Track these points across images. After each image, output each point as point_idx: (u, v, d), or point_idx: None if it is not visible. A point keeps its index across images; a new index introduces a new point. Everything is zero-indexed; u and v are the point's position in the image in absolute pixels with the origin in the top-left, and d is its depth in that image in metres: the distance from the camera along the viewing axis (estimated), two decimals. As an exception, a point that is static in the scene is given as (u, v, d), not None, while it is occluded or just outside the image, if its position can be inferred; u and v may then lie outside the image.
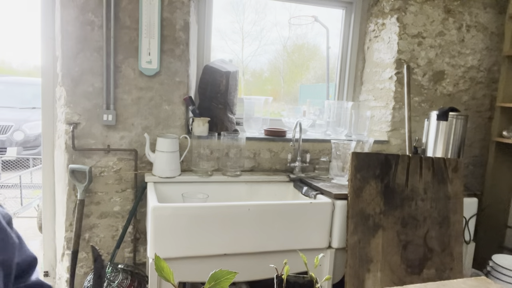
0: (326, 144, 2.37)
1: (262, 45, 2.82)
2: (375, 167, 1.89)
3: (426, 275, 1.88)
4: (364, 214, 1.84)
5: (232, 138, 2.13)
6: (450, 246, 1.95)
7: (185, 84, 2.06)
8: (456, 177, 2.00)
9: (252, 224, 1.69)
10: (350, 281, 1.77)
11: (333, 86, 2.77)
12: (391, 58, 2.46)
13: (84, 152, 1.96)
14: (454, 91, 2.62)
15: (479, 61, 2.65)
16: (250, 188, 2.13)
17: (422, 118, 2.51)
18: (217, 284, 0.68)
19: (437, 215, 1.95)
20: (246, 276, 1.75)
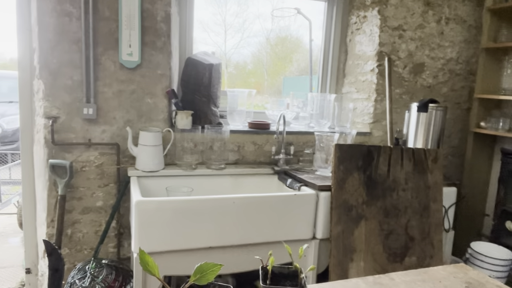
0: (310, 136, 2.39)
1: (245, 38, 2.81)
2: (357, 158, 1.92)
3: (408, 263, 1.93)
4: (347, 205, 1.86)
5: (216, 131, 2.12)
6: (430, 234, 2.00)
7: (168, 76, 2.04)
8: (436, 167, 2.05)
9: (237, 217, 1.69)
10: (334, 271, 1.80)
11: (316, 78, 2.79)
12: (373, 50, 2.49)
13: (65, 147, 1.92)
14: (434, 83, 2.67)
15: (458, 53, 2.70)
16: (234, 181, 2.13)
17: (403, 109, 2.56)
18: (202, 277, 0.68)
19: (417, 204, 1.99)
20: (232, 268, 1.76)
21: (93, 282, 1.77)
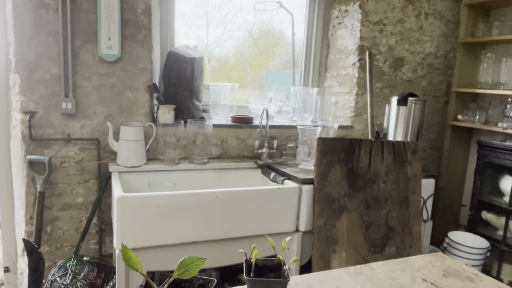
0: (293, 130, 2.40)
1: (227, 31, 2.79)
2: (339, 151, 1.94)
3: (388, 253, 1.98)
4: (329, 197, 1.89)
5: (198, 125, 2.11)
6: (410, 225, 2.05)
7: (149, 70, 2.01)
8: (415, 159, 2.10)
9: (221, 211, 1.69)
10: (317, 262, 1.83)
11: (298, 72, 2.80)
12: (354, 44, 2.51)
13: (43, 142, 1.87)
14: (413, 77, 2.72)
15: (436, 47, 2.76)
16: (218, 175, 2.13)
17: (383, 103, 2.60)
18: (186, 271, 0.68)
19: (397, 196, 2.04)
20: (216, 262, 1.76)
21: (74, 280, 1.74)
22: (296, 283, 0.96)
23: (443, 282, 1.02)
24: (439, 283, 1.01)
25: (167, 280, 0.70)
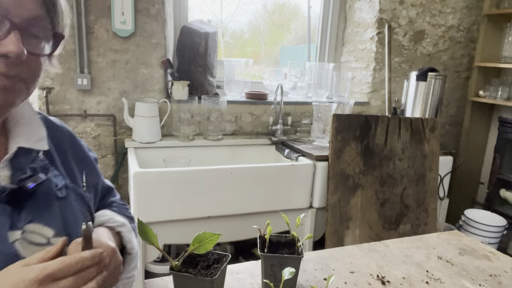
0: (308, 107, 2.37)
1: (242, 5, 2.72)
2: (355, 128, 1.91)
3: (402, 230, 1.98)
4: (344, 174, 1.88)
5: (213, 101, 2.10)
6: (425, 202, 2.03)
7: (163, 46, 1.99)
8: (433, 136, 2.06)
9: (235, 187, 1.71)
10: (330, 238, 1.84)
11: (314, 47, 2.73)
12: (373, 17, 2.43)
13: (60, 118, 1.90)
14: (434, 51, 2.63)
15: (459, 20, 2.64)
16: (232, 152, 2.14)
17: (402, 79, 2.53)
18: (201, 246, 0.69)
19: (413, 173, 2.01)
20: (230, 237, 1.79)
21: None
22: (310, 259, 0.97)
23: (459, 260, 1.01)
24: (455, 261, 1.00)
25: (182, 255, 0.71)
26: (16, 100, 0.58)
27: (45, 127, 0.69)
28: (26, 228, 0.59)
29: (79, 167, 0.74)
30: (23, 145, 0.61)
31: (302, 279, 0.87)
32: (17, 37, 0.53)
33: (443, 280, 0.90)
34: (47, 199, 0.63)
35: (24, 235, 0.58)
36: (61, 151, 0.72)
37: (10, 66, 0.53)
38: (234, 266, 0.92)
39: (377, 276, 0.91)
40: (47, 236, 0.61)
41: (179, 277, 0.70)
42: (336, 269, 0.93)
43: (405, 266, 0.96)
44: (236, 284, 0.84)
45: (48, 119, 0.75)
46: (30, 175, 0.61)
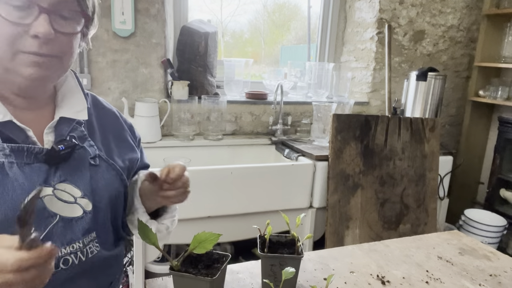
0: (308, 106, 2.37)
1: (242, 5, 2.72)
2: (355, 128, 1.91)
3: (402, 230, 1.98)
4: (344, 174, 1.88)
5: (213, 101, 2.10)
6: (425, 202, 2.04)
7: (162, 45, 1.99)
8: (433, 136, 2.06)
9: (235, 187, 1.71)
10: (330, 238, 1.84)
11: (314, 47, 2.73)
12: (373, 17, 2.43)
13: (60, 118, 1.90)
14: (434, 51, 2.63)
15: (459, 20, 2.64)
16: (232, 152, 2.14)
17: (402, 78, 2.53)
18: (201, 246, 0.69)
19: (413, 173, 2.01)
20: (230, 236, 1.79)
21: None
22: (310, 259, 0.97)
23: (459, 260, 1.01)
24: (455, 261, 1.00)
25: (182, 254, 0.71)
26: (51, 74, 0.68)
27: (92, 105, 0.82)
28: (57, 186, 0.68)
29: (117, 144, 0.83)
30: (65, 115, 0.72)
31: (302, 279, 0.87)
32: (45, 20, 0.62)
33: (443, 280, 0.90)
34: (80, 164, 0.72)
35: (55, 192, 0.67)
36: (103, 128, 0.82)
37: (41, 45, 0.63)
38: (234, 266, 0.92)
39: (377, 276, 0.91)
40: (75, 196, 0.69)
41: (179, 277, 0.70)
42: (336, 269, 0.93)
43: (405, 266, 0.96)
44: (236, 284, 0.84)
45: (97, 99, 0.86)
46: (63, 139, 0.70)
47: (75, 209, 0.69)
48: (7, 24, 0.61)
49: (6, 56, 0.63)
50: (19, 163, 0.65)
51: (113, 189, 0.77)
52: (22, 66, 0.64)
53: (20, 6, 0.61)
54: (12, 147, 0.64)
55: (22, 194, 0.62)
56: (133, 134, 0.94)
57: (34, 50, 0.63)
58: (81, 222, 0.70)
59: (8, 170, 0.63)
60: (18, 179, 0.63)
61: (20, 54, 0.63)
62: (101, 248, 0.74)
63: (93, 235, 0.72)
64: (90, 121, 0.79)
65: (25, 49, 0.63)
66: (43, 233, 0.64)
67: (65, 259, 0.67)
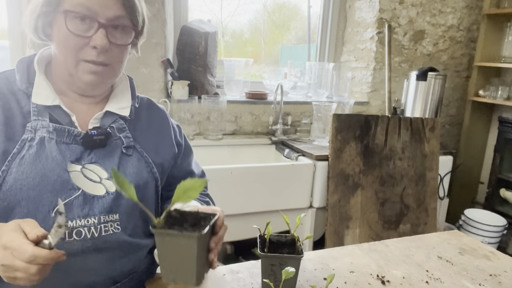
0: (308, 106, 2.37)
1: (242, 4, 2.72)
2: (355, 128, 1.91)
3: (402, 230, 1.98)
4: (344, 174, 1.88)
5: (213, 101, 2.10)
6: (425, 202, 2.04)
7: (162, 45, 1.99)
8: (433, 136, 2.06)
9: (235, 187, 1.71)
10: (330, 238, 1.84)
11: (314, 47, 2.73)
12: (373, 17, 2.43)
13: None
14: (434, 51, 2.63)
15: (459, 19, 2.64)
16: (232, 152, 2.14)
17: (402, 78, 2.53)
18: (185, 195, 0.62)
19: (413, 173, 2.01)
20: (230, 236, 1.79)
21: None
22: (310, 259, 0.97)
23: (459, 259, 1.01)
24: (455, 261, 1.00)
25: (166, 210, 0.65)
26: (104, 79, 0.81)
27: (146, 106, 0.95)
28: (87, 166, 0.78)
29: (158, 139, 0.92)
30: (110, 109, 0.84)
31: (302, 278, 0.87)
32: (103, 34, 0.74)
33: (443, 280, 0.90)
34: (114, 151, 0.82)
35: (83, 170, 0.77)
36: (149, 125, 0.92)
37: (98, 54, 0.75)
38: (234, 265, 0.92)
39: (377, 275, 0.91)
40: (101, 177, 0.79)
41: (162, 235, 0.63)
42: (336, 269, 0.93)
43: (405, 266, 0.96)
44: (236, 284, 0.84)
45: (151, 102, 0.99)
46: (98, 127, 0.81)
47: (98, 188, 0.77)
48: (73, 36, 0.73)
49: (71, 63, 0.76)
50: (58, 140, 0.76)
51: (140, 177, 0.84)
52: (83, 73, 0.77)
53: (83, 19, 0.73)
54: (55, 126, 0.76)
55: (52, 165, 0.73)
56: (179, 134, 1.02)
57: (92, 58, 0.75)
58: (102, 201, 0.77)
59: (47, 143, 0.75)
60: (52, 152, 0.74)
61: (82, 62, 0.76)
62: (122, 231, 0.79)
63: (115, 216, 0.78)
64: (138, 118, 0.90)
65: (86, 58, 0.75)
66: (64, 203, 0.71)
67: (79, 230, 0.74)
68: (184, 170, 1.02)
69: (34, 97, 0.77)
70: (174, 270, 0.65)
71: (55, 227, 0.62)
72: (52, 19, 0.76)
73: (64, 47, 0.75)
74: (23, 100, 0.78)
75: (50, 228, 0.64)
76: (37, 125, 0.75)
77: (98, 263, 0.76)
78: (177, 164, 0.99)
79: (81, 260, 0.74)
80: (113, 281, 0.80)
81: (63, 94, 0.82)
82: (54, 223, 0.62)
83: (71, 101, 0.82)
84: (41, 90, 0.78)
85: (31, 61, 0.81)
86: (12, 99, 0.77)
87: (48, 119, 0.77)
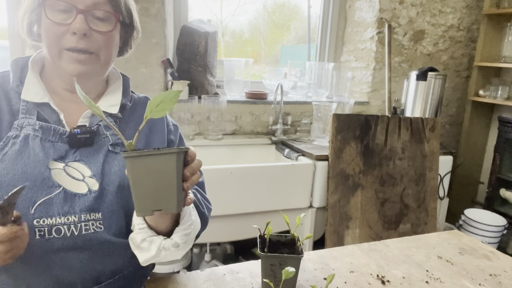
0: (308, 106, 2.37)
1: (242, 4, 2.72)
2: (355, 128, 1.91)
3: (402, 230, 1.98)
4: (344, 174, 1.88)
5: (213, 101, 2.10)
6: (425, 202, 2.04)
7: (162, 45, 1.99)
8: (433, 136, 2.06)
9: (235, 187, 1.71)
10: (330, 238, 1.84)
11: (314, 47, 2.73)
12: (373, 17, 2.43)
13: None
14: (434, 51, 2.63)
15: (459, 19, 2.64)
16: (232, 152, 2.14)
17: (401, 78, 2.53)
18: (159, 107, 0.59)
19: (413, 173, 2.01)
20: (230, 236, 1.79)
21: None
22: (310, 259, 0.97)
23: (459, 259, 1.01)
24: (455, 261, 1.00)
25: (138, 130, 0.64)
26: (91, 70, 0.79)
27: (141, 103, 0.93)
28: (70, 164, 0.77)
29: (149, 138, 0.90)
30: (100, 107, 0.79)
31: (302, 278, 0.87)
32: (82, 19, 0.74)
33: (443, 280, 0.90)
34: (99, 149, 0.81)
35: (65, 168, 0.76)
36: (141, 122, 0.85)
37: (78, 40, 0.75)
38: (234, 265, 0.92)
39: (377, 275, 0.91)
40: (84, 175, 0.78)
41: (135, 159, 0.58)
42: (336, 269, 0.93)
43: (405, 266, 0.96)
44: (236, 284, 0.84)
45: (148, 99, 0.96)
46: (83, 125, 0.81)
47: (81, 186, 0.77)
48: (53, 25, 0.74)
49: (55, 54, 0.76)
50: (43, 138, 0.76)
51: (125, 176, 0.79)
52: (66, 63, 0.76)
53: (62, 10, 0.74)
54: (42, 124, 0.77)
55: (34, 162, 0.74)
56: (174, 133, 0.98)
57: (73, 45, 0.75)
58: (84, 199, 0.76)
59: (30, 141, 0.75)
60: (35, 149, 0.75)
61: (64, 52, 0.76)
62: (104, 230, 0.77)
63: (97, 215, 0.77)
64: (130, 116, 0.90)
65: (67, 45, 0.75)
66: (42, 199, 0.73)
67: (58, 228, 0.73)
68: None
69: (23, 93, 0.78)
70: (151, 198, 0.61)
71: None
72: (39, 17, 0.77)
73: (46, 38, 0.76)
74: (14, 99, 0.79)
75: (30, 225, 0.69)
76: (23, 123, 0.76)
77: (79, 262, 0.75)
78: None
79: (62, 258, 0.74)
80: (96, 280, 0.78)
81: (55, 93, 0.82)
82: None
83: (62, 100, 0.83)
84: (30, 87, 0.79)
85: (27, 61, 0.82)
86: (3, 97, 0.78)
87: (35, 117, 0.77)
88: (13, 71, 0.81)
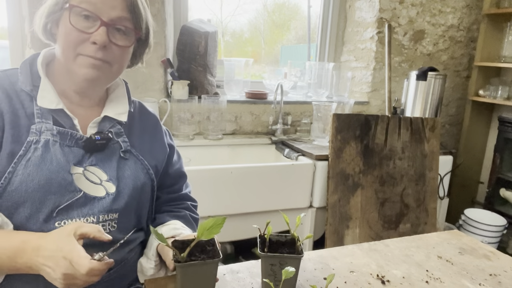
0: (308, 106, 2.37)
1: (242, 4, 2.72)
2: (355, 128, 1.91)
3: (402, 230, 1.98)
4: (344, 174, 1.88)
5: (213, 101, 2.10)
6: (425, 202, 2.04)
7: (162, 45, 1.99)
8: (433, 136, 2.06)
9: (235, 187, 1.71)
10: (330, 238, 1.84)
11: (314, 46, 2.73)
12: (373, 17, 2.43)
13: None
14: (434, 51, 2.63)
15: (459, 19, 2.64)
16: (232, 151, 2.14)
17: (402, 78, 2.53)
18: (209, 231, 0.71)
19: (413, 173, 2.01)
20: (230, 236, 1.79)
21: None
22: (310, 259, 0.97)
23: (459, 259, 1.01)
24: (455, 261, 1.00)
25: (190, 246, 0.73)
26: (102, 77, 0.81)
27: (138, 110, 0.97)
28: (88, 168, 0.81)
29: (152, 144, 0.96)
30: (108, 114, 0.87)
31: (302, 278, 0.87)
32: (104, 31, 0.76)
33: (443, 280, 0.90)
34: (112, 155, 0.86)
35: (84, 172, 0.80)
36: (143, 129, 0.96)
37: (97, 50, 0.77)
38: (234, 265, 0.92)
39: (377, 275, 0.91)
40: (101, 179, 0.82)
41: (188, 266, 0.71)
42: (336, 269, 0.93)
43: (405, 266, 0.96)
44: (236, 284, 0.84)
45: (143, 106, 1.01)
46: (101, 132, 0.84)
47: (99, 189, 0.81)
48: (75, 30, 0.76)
49: (70, 57, 0.78)
50: (61, 143, 0.79)
51: (138, 179, 0.88)
52: (80, 67, 0.78)
53: (86, 16, 0.76)
54: (59, 129, 0.79)
55: (57, 168, 0.76)
56: (170, 137, 1.06)
57: (91, 54, 0.77)
58: (102, 201, 0.81)
59: (51, 146, 0.77)
60: (57, 155, 0.77)
61: (79, 57, 0.78)
62: (117, 229, 0.84)
63: (114, 215, 0.83)
64: (132, 122, 0.93)
65: (84, 53, 0.77)
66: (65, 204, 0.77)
67: None
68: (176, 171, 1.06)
69: (39, 100, 0.79)
70: None
71: None
72: (59, 18, 0.78)
73: (64, 41, 0.77)
74: (26, 102, 0.79)
75: (52, 227, 0.74)
76: (41, 128, 0.78)
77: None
78: (170, 163, 1.03)
79: None
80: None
81: (64, 95, 0.84)
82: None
83: (71, 102, 0.85)
84: (46, 94, 0.80)
85: (33, 63, 0.83)
86: (16, 100, 0.79)
87: (51, 121, 0.79)
88: (23, 74, 0.81)
